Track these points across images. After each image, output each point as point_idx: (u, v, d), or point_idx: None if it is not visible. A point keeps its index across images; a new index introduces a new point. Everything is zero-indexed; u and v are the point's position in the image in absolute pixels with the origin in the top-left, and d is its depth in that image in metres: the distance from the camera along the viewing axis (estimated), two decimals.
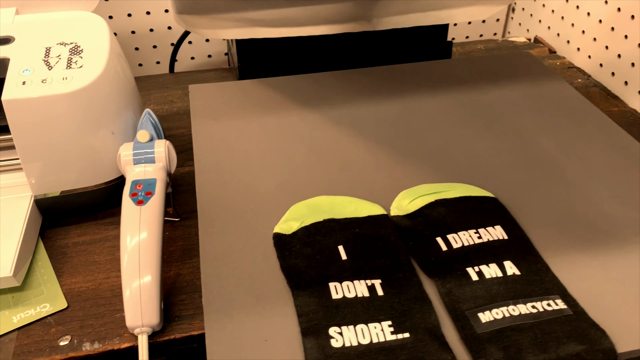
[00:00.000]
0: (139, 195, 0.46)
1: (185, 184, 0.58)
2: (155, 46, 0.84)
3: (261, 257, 0.41)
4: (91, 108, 0.50)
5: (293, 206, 0.45)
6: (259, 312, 0.37)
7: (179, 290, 0.46)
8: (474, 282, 0.38)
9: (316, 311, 0.36)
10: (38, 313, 0.44)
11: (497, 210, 0.44)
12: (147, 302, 0.41)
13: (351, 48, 0.69)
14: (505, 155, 0.52)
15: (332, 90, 0.62)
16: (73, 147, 0.50)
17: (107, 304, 0.45)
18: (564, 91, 0.62)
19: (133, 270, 0.42)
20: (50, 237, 0.52)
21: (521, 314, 0.36)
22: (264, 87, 0.62)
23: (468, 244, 0.41)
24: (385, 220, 0.44)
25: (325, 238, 0.42)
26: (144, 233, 0.43)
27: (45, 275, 0.48)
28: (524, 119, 0.57)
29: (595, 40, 0.77)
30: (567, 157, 0.52)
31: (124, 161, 0.49)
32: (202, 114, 0.58)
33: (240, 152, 0.52)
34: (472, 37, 0.98)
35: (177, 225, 0.53)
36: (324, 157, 0.52)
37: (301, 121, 0.56)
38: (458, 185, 0.47)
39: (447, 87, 0.62)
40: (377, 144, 0.53)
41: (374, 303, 0.37)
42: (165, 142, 0.50)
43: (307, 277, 0.39)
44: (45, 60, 0.50)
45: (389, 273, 0.39)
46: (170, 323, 0.43)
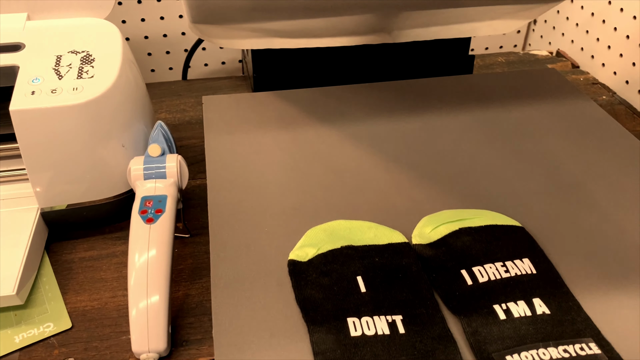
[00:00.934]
0: (149, 213, 0.44)
1: (197, 197, 0.56)
2: (168, 52, 0.83)
3: (275, 285, 0.39)
4: (101, 120, 0.48)
5: (309, 231, 0.43)
6: (273, 347, 0.35)
7: (187, 312, 0.44)
8: (502, 321, 0.36)
9: (334, 350, 0.34)
10: (41, 333, 0.43)
11: (525, 241, 0.42)
12: (154, 326, 0.39)
13: (370, 60, 0.67)
14: (531, 179, 0.50)
15: (350, 104, 0.59)
16: (82, 159, 0.48)
17: (112, 324, 0.44)
18: (590, 111, 0.60)
19: (140, 292, 0.40)
20: (57, 251, 0.50)
21: (552, 358, 0.34)
22: (279, 100, 0.60)
23: (495, 278, 0.39)
24: (406, 249, 0.42)
25: (343, 267, 0.40)
26: (152, 252, 0.42)
27: (50, 292, 0.46)
28: (550, 140, 0.55)
29: (622, 57, 0.75)
30: (597, 183, 0.50)
31: (134, 176, 0.47)
32: (215, 127, 0.56)
33: (255, 169, 0.50)
34: (491, 49, 0.96)
35: (187, 242, 0.51)
36: (341, 177, 0.50)
37: (318, 137, 0.54)
38: (483, 212, 0.45)
39: (470, 104, 0.60)
40: (396, 163, 0.51)
41: (394, 342, 0.35)
42: (177, 157, 0.48)
43: (324, 311, 0.37)
44: (55, 69, 0.49)
45: (410, 308, 0.37)
46: (178, 348, 0.42)
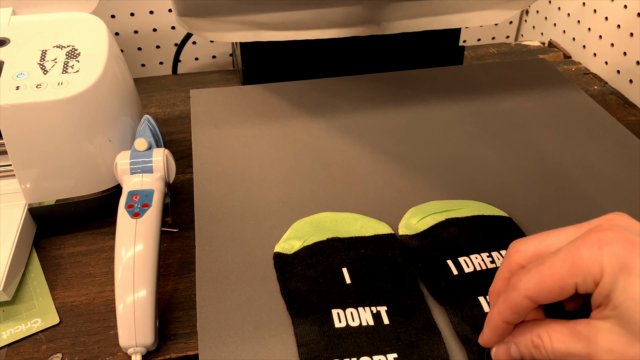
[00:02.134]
0: (135, 207, 0.44)
1: (185, 192, 0.56)
2: (158, 46, 0.82)
3: (260, 278, 0.39)
4: (87, 114, 0.48)
5: (295, 223, 0.43)
6: (257, 340, 0.35)
7: (175, 307, 0.44)
8: (486, 313, 0.36)
9: (317, 341, 0.34)
10: (29, 329, 0.43)
11: (512, 232, 0.42)
12: (141, 321, 0.39)
13: (359, 52, 0.67)
14: (519, 169, 0.50)
15: (338, 97, 0.59)
16: (69, 154, 0.48)
17: (100, 319, 0.44)
18: (580, 101, 0.59)
19: (127, 287, 0.40)
20: (45, 247, 0.50)
21: None
22: (267, 92, 0.59)
23: (480, 269, 0.39)
24: (392, 240, 0.42)
25: (328, 259, 0.39)
26: (139, 247, 0.42)
27: (38, 288, 0.46)
28: (539, 131, 0.55)
29: (613, 46, 0.74)
30: (585, 173, 0.50)
31: (121, 170, 0.47)
32: (203, 120, 0.56)
33: (242, 162, 0.50)
34: (484, 40, 0.96)
35: (175, 237, 0.51)
36: (328, 170, 0.50)
37: (306, 130, 0.54)
38: (470, 202, 0.45)
39: (459, 95, 0.60)
40: (384, 155, 0.51)
41: (379, 333, 0.35)
42: (164, 151, 0.48)
43: (308, 303, 0.37)
44: (40, 64, 0.48)
45: (395, 299, 0.37)
46: (166, 342, 0.42)
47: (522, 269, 0.31)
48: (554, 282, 0.28)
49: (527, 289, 0.29)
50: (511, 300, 0.30)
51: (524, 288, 0.29)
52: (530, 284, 0.29)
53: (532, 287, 0.29)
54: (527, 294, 0.29)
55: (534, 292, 0.29)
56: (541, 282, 0.29)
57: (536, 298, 0.29)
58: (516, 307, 0.30)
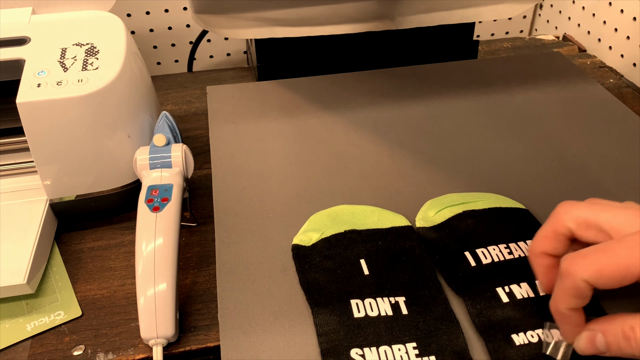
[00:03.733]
0: (155, 202, 0.45)
1: (203, 187, 0.56)
2: (174, 44, 0.83)
3: (279, 270, 0.39)
4: (107, 111, 0.48)
5: (313, 216, 0.44)
6: (277, 330, 0.35)
7: (195, 299, 0.45)
8: (505, 304, 0.36)
9: (337, 331, 0.34)
10: (52, 321, 0.44)
11: (529, 223, 0.42)
12: (162, 313, 0.40)
13: (373, 48, 0.67)
14: (536, 162, 0.50)
15: (353, 91, 0.60)
16: (89, 150, 0.49)
17: (122, 312, 0.44)
18: (596, 94, 0.59)
19: (148, 279, 0.41)
20: (66, 241, 0.51)
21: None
22: (283, 88, 0.60)
23: (498, 260, 0.39)
24: (409, 232, 0.42)
25: (346, 251, 0.40)
26: (159, 240, 0.42)
27: (60, 282, 0.47)
28: (555, 124, 0.55)
29: (629, 39, 0.74)
30: (602, 166, 0.49)
31: (140, 165, 0.48)
32: (219, 116, 0.56)
33: (259, 157, 0.51)
34: (497, 35, 0.95)
35: (194, 231, 0.52)
36: (345, 163, 0.50)
37: (322, 125, 0.54)
38: (487, 195, 0.45)
39: (474, 89, 0.60)
40: (401, 149, 0.51)
41: (397, 322, 0.35)
42: (182, 147, 0.48)
43: (327, 294, 0.37)
44: (60, 62, 0.49)
45: (413, 290, 0.37)
46: (186, 334, 0.42)
47: (574, 254, 0.30)
48: (617, 270, 0.28)
49: (586, 272, 0.29)
50: (569, 286, 0.30)
51: (581, 271, 0.29)
52: (590, 269, 0.29)
53: (592, 272, 0.29)
54: (585, 277, 0.29)
55: (592, 277, 0.29)
56: (602, 269, 0.29)
57: (595, 283, 0.29)
58: (575, 291, 0.30)
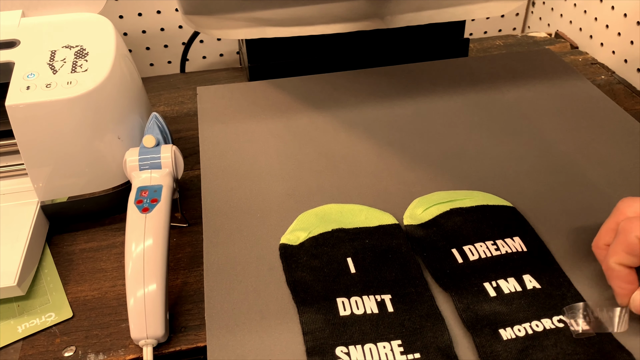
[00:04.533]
0: (145, 203, 0.45)
1: (194, 188, 0.57)
2: (166, 45, 0.83)
3: (267, 269, 0.39)
4: (96, 113, 0.49)
5: (301, 215, 0.44)
6: (264, 329, 0.36)
7: (185, 300, 0.45)
8: (492, 298, 0.36)
9: (322, 329, 0.35)
10: (43, 323, 0.44)
11: (516, 221, 0.42)
12: (151, 313, 0.40)
13: (364, 47, 0.67)
14: (524, 160, 0.50)
15: (344, 91, 0.60)
16: (79, 152, 0.49)
17: (112, 313, 0.45)
18: (586, 91, 0.59)
19: (137, 280, 0.41)
20: (57, 243, 0.51)
21: (545, 329, 0.34)
22: (273, 88, 0.60)
23: (485, 256, 0.39)
24: (396, 230, 0.42)
25: (333, 249, 0.40)
26: (148, 241, 0.42)
27: (52, 283, 0.47)
28: (544, 121, 0.55)
29: (620, 35, 0.74)
30: (590, 162, 0.50)
31: (130, 167, 0.48)
32: (209, 117, 0.56)
33: (248, 157, 0.51)
34: (490, 32, 0.95)
35: (185, 232, 0.52)
36: (334, 162, 0.50)
37: (311, 124, 0.55)
38: (475, 193, 0.45)
39: (464, 87, 0.60)
40: (389, 147, 0.51)
41: (383, 320, 0.35)
42: (172, 147, 0.48)
43: (313, 292, 0.37)
44: (50, 64, 0.49)
45: (399, 288, 0.38)
46: (177, 334, 0.42)
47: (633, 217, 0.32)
48: None
49: None
50: (622, 241, 0.32)
51: (637, 230, 0.31)
52: None
53: None
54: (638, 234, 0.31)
55: None
56: None
57: None
58: (628, 247, 0.32)
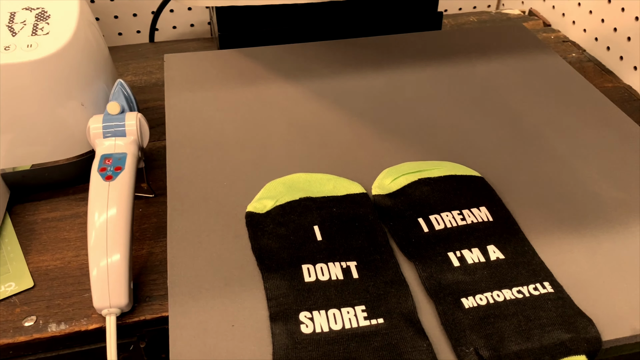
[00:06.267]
0: (108, 171, 0.44)
1: (161, 159, 0.56)
2: (135, 14, 0.81)
3: (232, 237, 0.39)
4: (58, 77, 0.47)
5: (268, 184, 0.43)
6: (227, 295, 0.35)
7: (150, 270, 0.45)
8: (455, 267, 0.36)
9: (287, 295, 0.34)
10: (3, 292, 0.43)
11: (483, 191, 0.42)
12: (115, 282, 0.39)
13: (336, 18, 0.66)
14: (493, 131, 0.50)
15: (315, 61, 0.59)
16: (41, 118, 0.47)
17: (75, 283, 0.44)
18: (556, 66, 0.60)
19: (100, 249, 0.40)
20: (19, 212, 0.50)
21: (506, 299, 0.34)
22: (244, 57, 0.59)
23: (451, 226, 0.39)
24: (364, 199, 0.42)
25: (300, 217, 0.40)
26: (112, 210, 0.41)
27: (12, 253, 0.46)
28: (514, 94, 0.55)
29: (591, 13, 0.74)
30: (558, 135, 0.50)
31: (93, 134, 0.47)
32: (177, 85, 0.55)
33: (216, 126, 0.50)
34: (465, 9, 0.95)
35: (151, 202, 0.51)
36: (303, 133, 0.50)
37: (282, 94, 0.54)
38: (444, 163, 0.45)
39: (435, 60, 0.60)
40: (360, 119, 0.51)
41: (348, 286, 0.35)
42: (137, 115, 0.47)
43: (279, 259, 0.37)
44: (9, 26, 0.48)
45: (365, 255, 0.38)
46: (141, 304, 0.42)
47: None
48: None
49: None
50: None
51: None
52: None
53: None
54: None
55: None
56: None
57: None
58: None
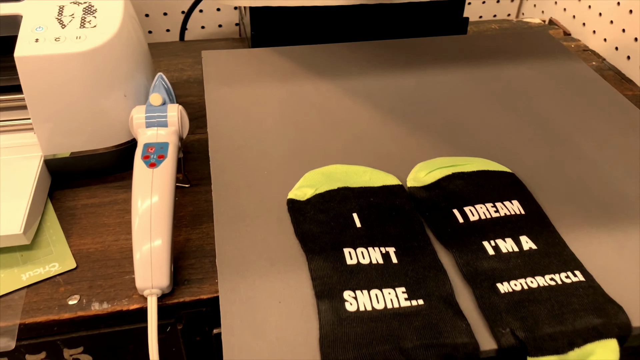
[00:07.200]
0: (151, 158, 0.46)
1: (195, 151, 0.57)
2: (165, 13, 0.83)
3: (275, 221, 0.41)
4: (104, 69, 0.49)
5: (307, 173, 0.45)
6: (273, 274, 0.37)
7: (188, 255, 0.46)
8: (490, 256, 0.38)
9: (330, 275, 0.36)
10: (47, 272, 0.44)
11: (515, 186, 0.44)
12: (157, 264, 0.41)
13: (366, 21, 0.68)
14: (522, 131, 0.52)
15: (347, 61, 0.61)
16: (85, 107, 0.49)
17: (116, 265, 0.45)
18: (581, 72, 0.61)
19: (144, 233, 0.41)
20: (59, 198, 0.52)
21: (539, 285, 0.36)
22: (277, 55, 0.61)
23: (485, 218, 0.40)
24: (400, 190, 0.43)
25: (339, 205, 0.41)
26: (155, 196, 0.43)
27: (54, 236, 0.48)
28: (541, 97, 0.57)
29: (612, 23, 0.76)
30: (584, 136, 0.52)
31: (136, 124, 0.48)
32: (215, 79, 0.57)
33: (254, 118, 0.52)
34: (485, 17, 0.97)
35: (186, 192, 0.52)
36: (338, 127, 0.51)
37: (315, 90, 0.56)
38: (475, 159, 0.47)
39: (464, 62, 0.62)
40: (392, 115, 0.53)
41: (388, 270, 0.37)
42: (178, 107, 0.49)
43: (321, 243, 0.39)
44: (58, 19, 0.49)
45: (403, 242, 0.39)
46: (180, 286, 0.43)
47: None
48: None
49: None
50: None
51: None
52: None
53: None
54: None
55: None
56: None
57: None
58: None
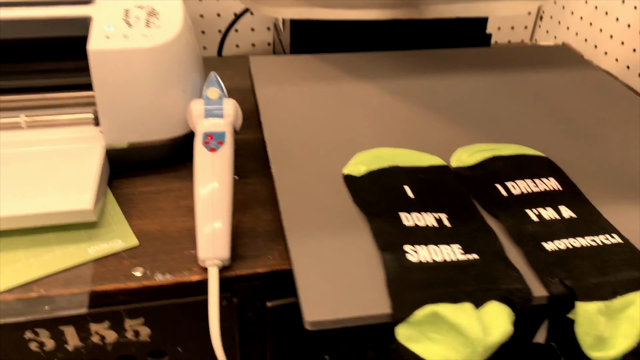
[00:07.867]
0: (211, 144, 0.49)
1: (241, 149, 0.60)
2: (203, 32, 0.88)
3: (334, 192, 0.44)
4: (168, 65, 0.53)
5: (358, 154, 0.49)
6: (338, 233, 0.40)
7: (241, 235, 0.48)
8: (535, 222, 0.41)
9: (391, 232, 0.39)
10: (112, 247, 0.47)
11: (551, 167, 0.48)
12: (218, 236, 0.43)
13: (398, 34, 0.73)
14: (550, 128, 0.56)
15: (384, 67, 0.65)
16: (147, 100, 0.53)
17: (175, 243, 0.47)
18: (604, 79, 0.66)
19: (207, 209, 0.44)
20: (117, 186, 0.54)
21: (582, 245, 0.39)
22: (317, 61, 0.65)
23: (526, 192, 0.44)
24: (446, 169, 0.47)
25: (391, 179, 0.45)
26: (216, 177, 0.46)
27: (115, 217, 0.50)
28: (567, 100, 0.61)
29: (623, 44, 0.81)
30: (611, 133, 0.55)
31: (196, 115, 0.52)
32: (263, 80, 0.61)
33: (304, 112, 0.56)
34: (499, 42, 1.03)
35: (235, 183, 0.55)
36: (383, 121, 0.55)
37: (358, 90, 0.60)
38: (512, 145, 0.51)
39: (490, 68, 0.66)
40: (434, 111, 0.57)
41: (442, 231, 0.40)
42: (233, 101, 0.53)
43: (378, 208, 0.42)
44: (125, 20, 0.54)
45: (453, 209, 0.43)
46: (236, 261, 0.45)
47: None
48: None
49: None
50: None
51: None
52: None
53: None
54: None
55: None
56: None
57: None
58: None
